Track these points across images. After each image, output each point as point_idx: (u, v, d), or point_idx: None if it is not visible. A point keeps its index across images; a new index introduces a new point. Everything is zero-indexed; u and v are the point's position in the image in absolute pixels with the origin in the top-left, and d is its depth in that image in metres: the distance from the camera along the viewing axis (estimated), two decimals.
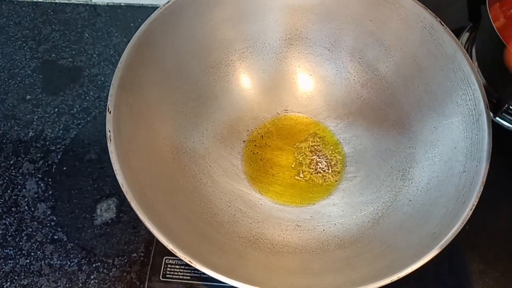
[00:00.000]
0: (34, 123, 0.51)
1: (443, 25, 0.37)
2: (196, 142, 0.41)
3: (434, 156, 0.37)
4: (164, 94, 0.39)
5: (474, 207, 0.31)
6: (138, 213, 0.30)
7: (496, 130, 0.45)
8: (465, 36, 0.51)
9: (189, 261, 0.29)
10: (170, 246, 0.29)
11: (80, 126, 0.51)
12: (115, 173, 0.31)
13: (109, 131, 0.32)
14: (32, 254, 0.44)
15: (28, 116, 0.51)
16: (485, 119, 0.34)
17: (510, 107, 0.45)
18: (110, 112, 0.32)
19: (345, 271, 0.33)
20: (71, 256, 0.43)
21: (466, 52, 0.37)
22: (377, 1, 0.40)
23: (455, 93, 0.36)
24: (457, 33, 0.51)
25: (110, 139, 0.32)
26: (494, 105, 0.46)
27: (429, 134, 0.39)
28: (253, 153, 0.44)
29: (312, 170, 0.43)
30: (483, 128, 0.34)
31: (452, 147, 0.36)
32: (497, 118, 0.46)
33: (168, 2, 0.37)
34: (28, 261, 0.43)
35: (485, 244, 0.42)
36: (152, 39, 0.37)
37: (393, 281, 0.28)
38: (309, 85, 0.46)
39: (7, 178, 0.48)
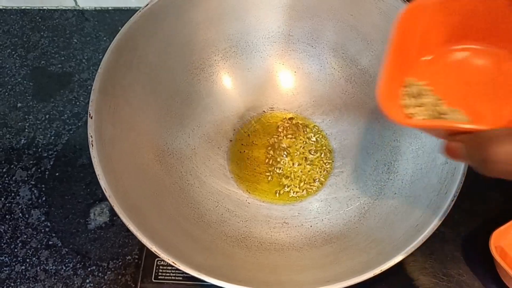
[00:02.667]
0: (26, 130, 0.51)
1: None
2: (182, 143, 0.41)
3: (418, 148, 0.37)
4: (148, 96, 0.39)
5: (455, 198, 0.30)
6: (121, 217, 0.30)
7: None
8: None
9: (173, 262, 0.29)
10: (153, 248, 0.29)
11: (71, 132, 0.51)
12: (98, 178, 0.31)
13: (91, 136, 0.32)
14: (28, 260, 0.44)
15: (19, 123, 0.52)
16: None
17: None
18: (91, 118, 0.33)
19: (332, 266, 0.33)
20: (66, 261, 0.44)
21: None
22: None
23: None
24: None
25: (92, 144, 0.32)
26: None
27: None
28: (240, 152, 0.44)
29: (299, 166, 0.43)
30: None
31: (435, 138, 0.36)
32: None
33: (148, 4, 0.37)
34: (23, 267, 0.44)
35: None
36: (132, 42, 0.37)
37: (375, 274, 0.28)
38: (294, 82, 0.46)
39: (0, 186, 0.48)
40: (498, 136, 0.17)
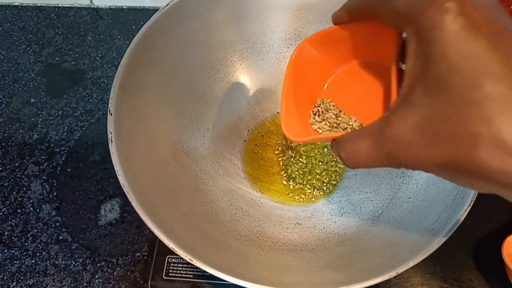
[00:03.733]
0: (39, 125, 0.52)
1: None
2: (197, 142, 0.42)
3: None
4: (165, 95, 0.39)
5: (472, 203, 0.31)
6: (140, 213, 0.30)
7: None
8: None
9: (190, 259, 0.29)
10: (171, 245, 0.29)
11: (83, 128, 0.51)
12: (117, 174, 0.31)
13: (111, 132, 0.32)
14: (38, 254, 0.44)
15: (32, 119, 0.52)
16: None
17: None
18: (111, 114, 0.33)
19: (345, 268, 0.33)
20: (76, 256, 0.44)
21: None
22: None
23: None
24: None
25: (111, 141, 0.32)
26: None
27: None
28: (254, 152, 0.44)
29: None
30: None
31: None
32: None
33: (168, 4, 0.38)
34: (33, 261, 0.44)
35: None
36: (152, 41, 0.37)
37: (391, 277, 0.28)
38: None
39: (12, 180, 0.48)
40: (346, 137, 0.23)
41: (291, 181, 0.42)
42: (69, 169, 0.49)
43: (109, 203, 0.47)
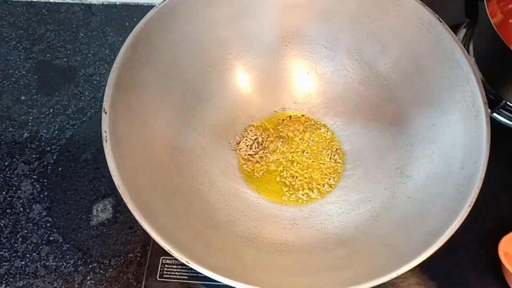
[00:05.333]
0: (29, 124, 0.51)
1: (441, 21, 0.37)
2: (193, 141, 0.41)
3: (432, 153, 0.37)
4: (161, 93, 0.39)
5: (472, 204, 0.30)
6: (135, 215, 0.30)
7: (493, 126, 0.46)
8: (462, 32, 0.51)
9: (186, 261, 0.28)
10: (167, 247, 0.29)
11: (75, 127, 0.50)
12: (111, 174, 0.31)
13: (105, 131, 0.32)
14: (28, 255, 0.43)
15: (23, 117, 0.51)
16: (483, 115, 0.34)
17: (508, 103, 0.45)
18: (106, 113, 0.32)
19: (343, 269, 0.33)
20: (67, 257, 0.43)
21: (464, 49, 0.36)
22: None
23: (453, 90, 0.36)
24: (454, 29, 0.50)
25: (106, 140, 0.31)
26: (491, 101, 0.46)
27: (427, 131, 0.38)
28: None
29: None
30: (482, 125, 0.34)
31: (450, 144, 0.36)
32: (494, 114, 0.46)
33: (164, 0, 0.37)
34: (23, 262, 0.43)
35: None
36: (148, 38, 0.37)
37: (391, 278, 0.28)
38: (306, 83, 0.45)
39: (2, 180, 0.47)
40: None
41: (288, 181, 0.42)
42: (60, 169, 0.48)
43: (101, 203, 0.46)
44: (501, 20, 0.43)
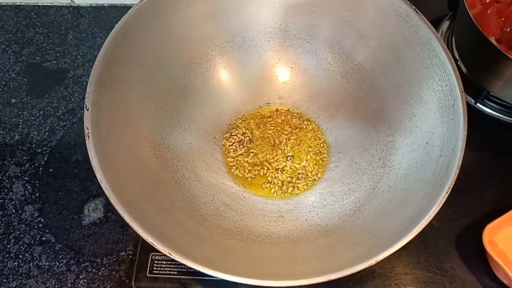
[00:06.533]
0: (20, 126, 0.51)
1: (418, 12, 0.38)
2: (178, 137, 0.41)
3: (413, 142, 0.38)
4: (145, 90, 0.39)
5: (450, 190, 0.31)
6: (117, 208, 0.30)
7: (479, 117, 0.46)
8: (445, 25, 0.51)
9: (169, 253, 0.29)
10: (149, 239, 0.29)
11: (65, 128, 0.51)
12: (94, 170, 0.31)
13: (87, 128, 0.32)
14: (20, 256, 0.44)
15: (13, 119, 0.51)
16: (460, 103, 0.34)
17: (490, 92, 0.45)
18: (88, 110, 0.33)
19: (327, 259, 0.33)
20: (60, 257, 0.44)
21: (441, 38, 0.37)
22: None
23: (431, 80, 0.37)
24: (438, 22, 0.51)
25: (88, 136, 0.32)
26: (475, 92, 0.46)
27: (407, 121, 0.39)
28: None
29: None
30: (459, 112, 0.34)
31: (429, 132, 0.36)
32: (478, 104, 0.47)
33: None
34: (16, 263, 0.43)
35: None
36: (130, 35, 0.37)
37: (371, 264, 0.29)
38: (290, 78, 0.46)
39: None
40: None
41: (273, 174, 0.42)
42: (51, 170, 0.48)
43: (92, 202, 0.46)
44: (480, 11, 0.43)
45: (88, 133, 0.32)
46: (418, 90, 0.38)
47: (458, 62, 0.47)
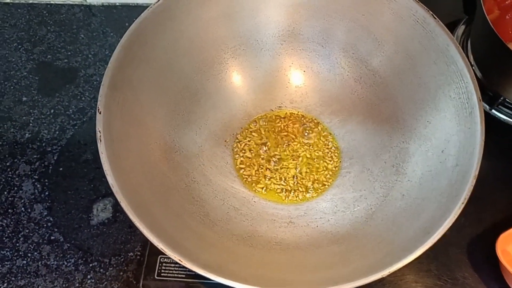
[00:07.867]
0: (30, 124, 0.51)
1: (435, 18, 0.37)
2: (189, 140, 0.41)
3: (428, 150, 0.37)
4: (156, 93, 0.39)
5: (466, 200, 0.30)
6: (128, 213, 0.30)
7: (493, 123, 0.46)
8: (461, 29, 0.50)
9: (179, 259, 0.29)
10: (160, 246, 0.29)
11: (76, 127, 0.51)
12: (105, 174, 0.31)
13: (99, 131, 0.32)
14: (29, 255, 0.44)
15: (24, 117, 0.52)
16: (477, 112, 0.33)
17: (506, 99, 0.45)
18: (100, 113, 0.32)
19: (338, 267, 0.33)
20: (68, 256, 0.44)
21: (458, 45, 0.36)
22: None
23: (448, 87, 0.36)
24: (453, 26, 0.50)
25: (100, 140, 0.32)
26: (490, 98, 0.46)
27: (422, 128, 0.38)
28: (247, 150, 0.43)
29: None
30: (476, 121, 0.33)
31: (445, 140, 0.36)
32: (493, 111, 0.46)
33: (159, 0, 0.37)
34: (25, 262, 0.43)
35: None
36: (143, 38, 0.37)
37: (383, 276, 0.28)
38: (302, 81, 0.45)
39: (3, 180, 0.48)
40: None
41: (283, 180, 0.42)
42: (61, 169, 0.48)
43: (101, 202, 0.46)
44: (497, 16, 0.42)
45: (100, 136, 0.31)
46: (434, 97, 0.37)
47: (473, 67, 0.46)
